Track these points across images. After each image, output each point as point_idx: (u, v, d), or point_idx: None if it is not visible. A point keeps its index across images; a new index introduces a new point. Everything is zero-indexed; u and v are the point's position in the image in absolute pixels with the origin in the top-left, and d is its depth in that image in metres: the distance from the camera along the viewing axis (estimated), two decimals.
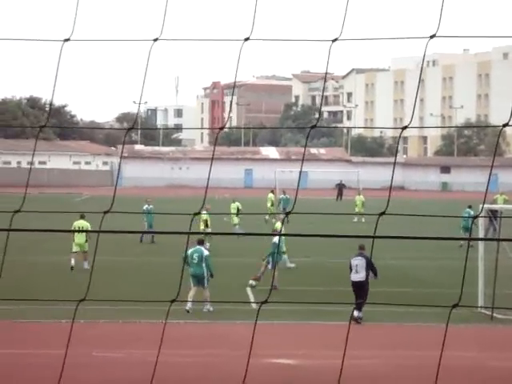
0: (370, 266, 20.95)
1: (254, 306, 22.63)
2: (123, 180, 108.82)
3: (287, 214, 3.12)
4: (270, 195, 52.14)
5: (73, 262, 28.63)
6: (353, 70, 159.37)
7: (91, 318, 19.04)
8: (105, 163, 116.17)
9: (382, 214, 2.97)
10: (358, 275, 20.92)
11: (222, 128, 3.34)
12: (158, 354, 4.16)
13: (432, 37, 2.84)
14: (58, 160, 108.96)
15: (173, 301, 3.29)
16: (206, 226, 34.99)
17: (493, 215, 27.41)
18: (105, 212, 3.38)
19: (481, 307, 21.95)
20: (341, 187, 77.79)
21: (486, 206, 23.41)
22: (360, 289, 20.76)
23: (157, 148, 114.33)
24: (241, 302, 22.85)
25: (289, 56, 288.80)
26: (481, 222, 23.73)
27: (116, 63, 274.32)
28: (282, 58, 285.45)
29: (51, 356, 16.60)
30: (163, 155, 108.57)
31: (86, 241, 28.47)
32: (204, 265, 21.93)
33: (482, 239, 25.86)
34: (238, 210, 41.19)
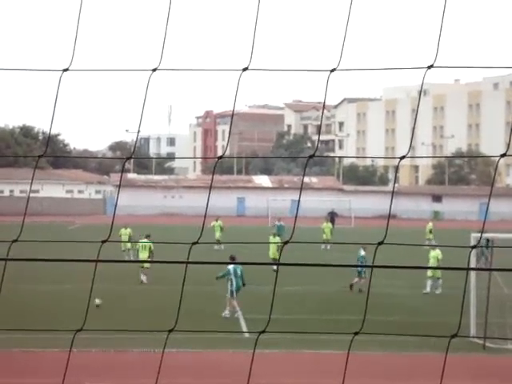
0: None
1: (246, 335, 22.57)
2: (116, 208, 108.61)
3: (285, 243, 3.14)
4: (216, 223, 50.24)
5: (143, 278, 32.60)
6: (344, 99, 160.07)
7: (83, 346, 18.96)
8: (97, 192, 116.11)
9: (381, 243, 2.99)
10: None
11: (220, 157, 3.37)
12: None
13: (430, 67, 2.87)
14: (51, 189, 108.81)
15: (170, 331, 3.29)
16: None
17: (486, 244, 27.43)
18: (103, 241, 3.39)
19: (478, 337, 21.96)
20: (333, 216, 77.96)
21: (475, 235, 23.42)
22: None
23: (150, 176, 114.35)
24: (241, 331, 22.80)
25: (281, 85, 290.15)
26: (474, 251, 23.77)
27: (108, 92, 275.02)
28: (274, 87, 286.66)
29: None
30: (156, 184, 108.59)
31: (149, 256, 32.54)
32: (242, 278, 24.63)
33: (475, 269, 25.93)
34: (130, 236, 41.73)
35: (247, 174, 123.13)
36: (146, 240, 34.05)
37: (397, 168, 51.65)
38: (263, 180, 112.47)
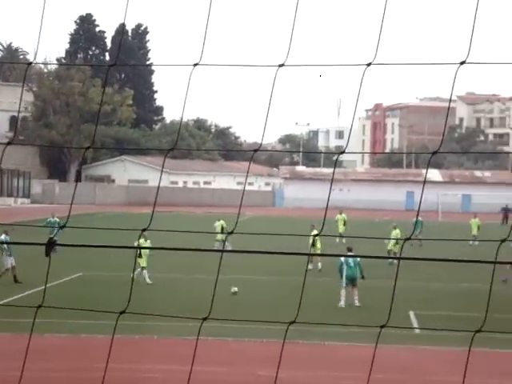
0: None
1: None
2: (284, 200, 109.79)
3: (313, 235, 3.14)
4: (340, 216, 49.28)
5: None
6: None
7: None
8: (267, 184, 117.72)
9: None
10: None
11: (255, 151, 3.43)
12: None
13: None
14: (223, 180, 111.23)
15: (205, 318, 3.44)
16: None
17: None
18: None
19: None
20: (506, 211, 75.95)
21: None
22: None
23: (318, 169, 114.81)
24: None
25: (453, 77, 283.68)
26: None
27: (278, 86, 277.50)
28: (446, 79, 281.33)
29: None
30: (324, 176, 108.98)
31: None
32: (358, 268, 25.82)
33: None
34: (223, 227, 41.51)
35: (417, 168, 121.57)
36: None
37: None
38: (433, 174, 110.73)
